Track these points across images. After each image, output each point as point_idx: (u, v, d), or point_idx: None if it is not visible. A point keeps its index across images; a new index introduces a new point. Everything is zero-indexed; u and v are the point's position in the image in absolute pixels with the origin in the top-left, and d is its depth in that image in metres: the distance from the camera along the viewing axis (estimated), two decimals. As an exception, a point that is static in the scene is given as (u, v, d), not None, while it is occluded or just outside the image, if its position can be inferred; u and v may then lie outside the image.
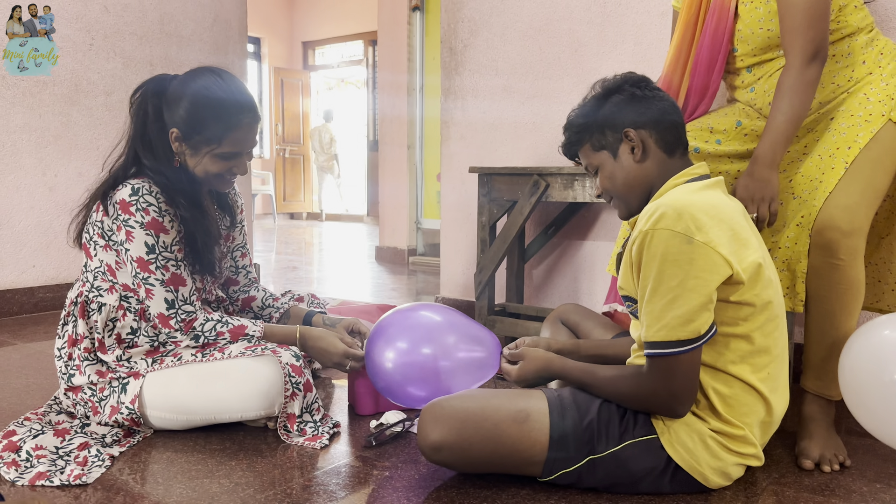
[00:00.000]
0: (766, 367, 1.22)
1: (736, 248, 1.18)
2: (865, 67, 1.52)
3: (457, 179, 2.80)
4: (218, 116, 1.50)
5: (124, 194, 1.49)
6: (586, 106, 1.36)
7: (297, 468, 1.39)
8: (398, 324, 1.54)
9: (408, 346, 1.50)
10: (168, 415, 1.51)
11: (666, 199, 1.20)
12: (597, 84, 1.37)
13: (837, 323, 1.45)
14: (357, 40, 9.15)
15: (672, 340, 1.15)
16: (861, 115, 1.48)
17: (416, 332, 1.52)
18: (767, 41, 1.54)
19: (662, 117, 1.30)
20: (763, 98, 1.58)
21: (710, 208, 1.19)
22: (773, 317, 1.22)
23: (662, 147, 1.30)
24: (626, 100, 1.31)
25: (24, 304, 2.91)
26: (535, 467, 1.25)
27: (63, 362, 1.55)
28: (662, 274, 1.15)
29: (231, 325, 1.56)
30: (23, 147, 2.88)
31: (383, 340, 1.51)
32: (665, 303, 1.15)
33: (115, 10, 3.12)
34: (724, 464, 1.22)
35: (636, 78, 1.35)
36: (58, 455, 1.37)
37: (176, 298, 1.52)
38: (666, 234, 1.15)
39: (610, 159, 1.33)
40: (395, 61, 4.94)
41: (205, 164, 1.55)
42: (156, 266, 1.49)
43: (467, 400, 1.28)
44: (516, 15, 2.57)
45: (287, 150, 9.53)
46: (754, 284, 1.19)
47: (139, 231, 1.48)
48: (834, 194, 1.44)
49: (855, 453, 1.48)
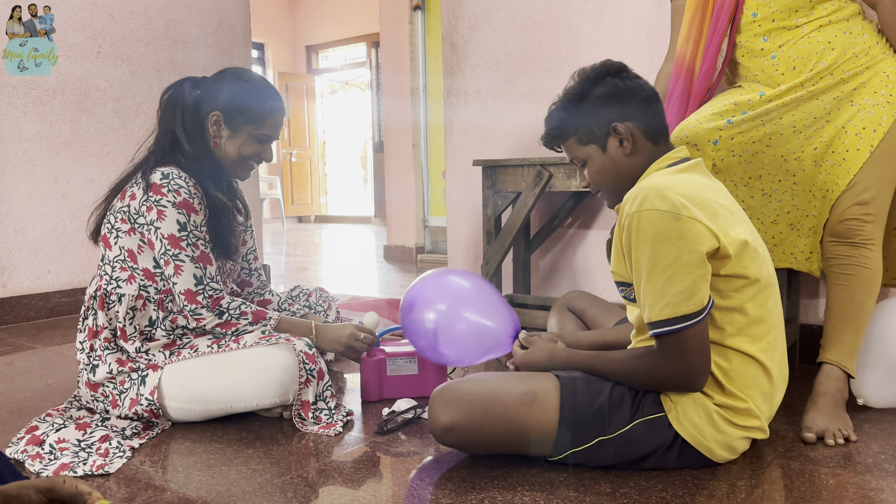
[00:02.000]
0: (764, 336, 1.25)
1: (720, 224, 1.20)
2: (880, 47, 1.58)
3: (461, 174, 2.83)
4: (261, 100, 1.65)
5: (155, 178, 1.56)
6: (569, 98, 1.34)
7: (313, 455, 1.42)
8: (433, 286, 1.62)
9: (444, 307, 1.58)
10: (186, 405, 1.55)
11: (647, 183, 1.23)
12: (576, 74, 1.36)
13: (858, 300, 1.54)
14: (360, 42, 9.20)
15: (678, 316, 1.17)
16: (884, 95, 1.54)
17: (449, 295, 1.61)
18: (792, 2, 1.58)
19: (646, 107, 1.30)
20: (787, 63, 1.60)
21: (690, 188, 1.21)
22: (764, 286, 1.25)
23: (649, 137, 1.31)
24: (611, 92, 1.30)
25: (40, 310, 2.97)
26: (545, 447, 1.27)
27: (85, 354, 1.60)
28: (656, 253, 1.17)
29: (253, 307, 1.64)
30: (35, 155, 2.94)
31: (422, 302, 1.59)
32: (664, 280, 1.17)
33: (121, 17, 3.17)
34: (729, 438, 1.24)
35: (616, 67, 1.34)
36: (80, 447, 1.41)
37: (204, 275, 1.57)
38: (653, 214, 1.17)
39: (599, 153, 1.32)
40: (397, 62, 4.97)
41: (243, 145, 1.65)
42: (187, 243, 1.55)
43: (477, 383, 1.31)
44: (516, 9, 2.60)
45: (294, 154, 9.59)
46: (741, 258, 1.21)
47: (171, 210, 1.54)
48: (856, 183, 1.54)
49: (860, 428, 1.50)
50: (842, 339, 1.54)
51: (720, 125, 1.59)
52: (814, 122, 1.58)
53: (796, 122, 1.58)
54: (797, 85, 1.57)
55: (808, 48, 1.58)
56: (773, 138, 1.59)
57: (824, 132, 1.58)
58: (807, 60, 1.58)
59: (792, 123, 1.58)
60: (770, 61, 1.63)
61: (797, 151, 1.60)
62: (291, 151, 9.63)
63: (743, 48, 1.68)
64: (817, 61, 1.57)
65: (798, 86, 1.57)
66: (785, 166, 1.61)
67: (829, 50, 1.56)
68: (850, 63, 1.56)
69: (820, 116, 1.58)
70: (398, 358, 1.74)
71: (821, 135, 1.59)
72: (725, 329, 1.23)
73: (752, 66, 1.67)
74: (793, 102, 1.58)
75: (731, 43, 1.69)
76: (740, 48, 1.68)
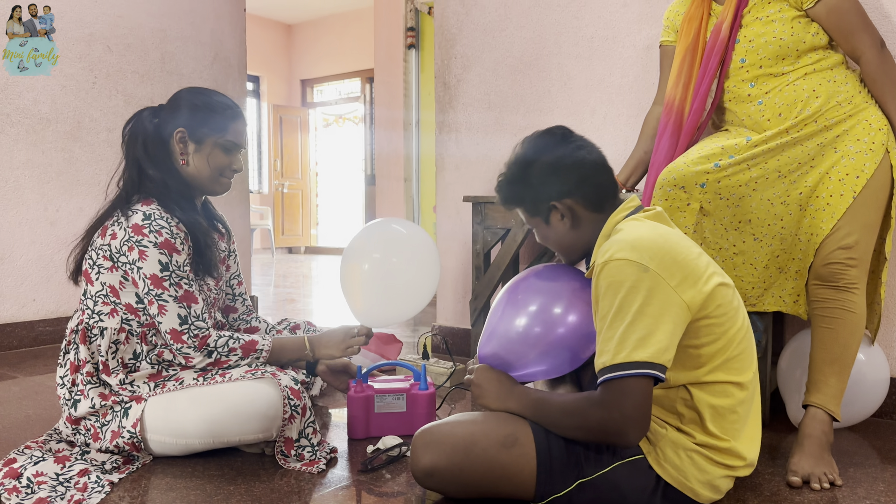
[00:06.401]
0: (748, 366, 1.25)
1: (690, 284, 1.19)
2: (862, 96, 1.63)
3: (451, 209, 2.85)
4: (221, 108, 1.68)
5: (137, 219, 1.55)
6: (511, 173, 1.36)
7: (295, 493, 1.40)
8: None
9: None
10: (168, 439, 1.52)
11: (619, 236, 1.23)
12: (519, 145, 1.37)
13: (843, 343, 1.56)
14: (354, 78, 9.31)
15: (629, 362, 1.14)
16: (866, 142, 1.58)
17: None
18: (779, 51, 1.62)
19: (585, 182, 1.31)
20: (773, 110, 1.64)
21: (661, 241, 1.20)
22: (735, 320, 1.25)
23: (591, 208, 1.32)
24: (548, 170, 1.31)
25: (23, 338, 2.93)
26: (527, 491, 1.26)
27: (66, 389, 1.57)
28: (624, 300, 1.16)
29: (242, 341, 1.62)
30: (25, 183, 2.94)
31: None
32: (625, 326, 1.16)
33: (118, 49, 3.20)
34: (711, 477, 1.24)
35: (557, 136, 1.34)
36: (58, 481, 1.39)
37: (189, 314, 1.56)
38: (622, 263, 1.18)
39: (543, 224, 1.36)
40: (391, 97, 5.04)
41: (210, 155, 1.66)
42: (169, 283, 1.54)
43: (457, 425, 1.30)
44: (507, 50, 2.66)
45: (286, 186, 9.62)
46: (715, 304, 1.21)
47: (153, 250, 1.53)
48: (840, 227, 1.58)
49: (845, 472, 1.50)
50: (827, 382, 1.55)
51: (707, 168, 1.61)
52: (798, 168, 1.62)
53: (781, 166, 1.62)
54: (782, 131, 1.61)
55: (793, 95, 1.62)
56: (759, 182, 1.62)
57: (808, 177, 1.62)
58: (792, 107, 1.62)
59: (777, 168, 1.62)
60: (757, 107, 1.67)
61: (783, 196, 1.63)
62: (284, 183, 9.67)
63: (730, 93, 1.72)
64: (802, 108, 1.61)
65: (783, 132, 1.61)
66: (773, 210, 1.64)
67: (813, 98, 1.61)
68: (834, 111, 1.60)
69: (804, 162, 1.61)
70: (386, 395, 1.73)
71: (805, 180, 1.62)
72: (704, 366, 1.23)
73: (738, 111, 1.71)
74: (778, 148, 1.61)
75: (720, 88, 1.73)
76: (728, 93, 1.72)
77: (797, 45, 1.62)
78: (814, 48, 1.63)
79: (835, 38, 1.64)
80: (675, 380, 1.24)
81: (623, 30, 2.38)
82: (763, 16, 1.64)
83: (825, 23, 1.61)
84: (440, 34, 2.85)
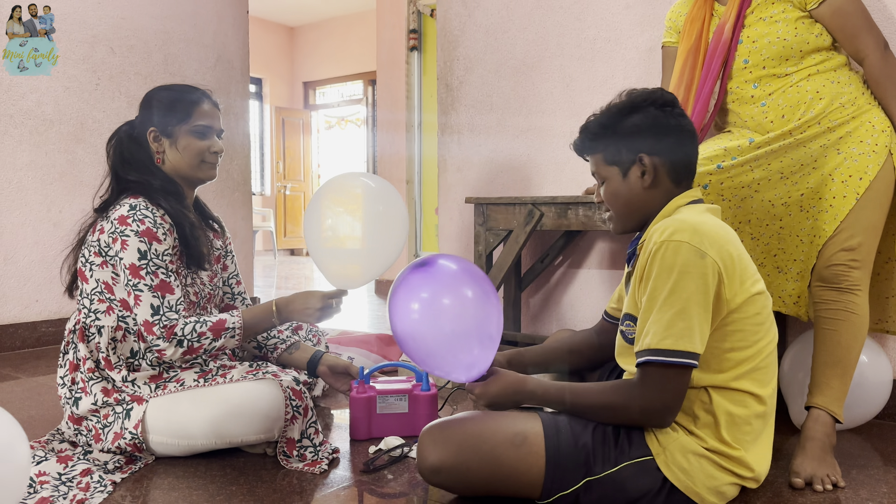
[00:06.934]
0: (770, 381, 1.27)
1: (739, 282, 1.22)
2: (865, 98, 1.62)
3: (454, 210, 2.85)
4: (181, 97, 1.67)
5: (122, 211, 1.56)
6: (608, 115, 1.33)
7: (297, 493, 1.40)
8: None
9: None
10: (170, 440, 1.53)
11: (679, 216, 1.25)
12: (623, 93, 1.34)
13: (845, 345, 1.56)
14: (357, 80, 9.32)
15: (676, 350, 1.17)
16: (869, 144, 1.58)
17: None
18: (783, 51, 1.62)
19: (679, 148, 1.31)
20: (776, 111, 1.64)
21: (722, 232, 1.23)
22: (769, 330, 1.27)
23: (672, 177, 1.32)
24: (649, 122, 1.29)
25: (26, 339, 2.94)
26: (534, 489, 1.26)
27: (67, 388, 1.58)
28: (676, 284, 1.18)
29: (209, 323, 1.56)
30: (28, 184, 2.94)
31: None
32: (675, 312, 1.18)
33: (121, 51, 3.21)
34: (719, 483, 1.24)
35: (664, 99, 1.32)
36: (60, 481, 1.39)
37: (162, 305, 1.54)
38: (682, 245, 1.18)
39: (618, 176, 1.33)
40: (393, 100, 5.04)
41: (184, 146, 1.65)
42: (146, 272, 1.53)
43: (466, 423, 1.29)
44: (509, 52, 2.66)
45: (288, 188, 9.63)
46: (754, 311, 1.23)
47: (133, 238, 1.53)
48: (843, 229, 1.57)
49: (848, 473, 1.50)
50: (829, 384, 1.55)
51: (710, 170, 1.61)
52: (801, 169, 1.61)
53: (784, 168, 1.61)
54: (786, 132, 1.61)
55: (797, 97, 1.62)
56: (761, 184, 1.62)
57: (811, 178, 1.61)
58: (795, 109, 1.62)
59: (780, 170, 1.61)
60: (760, 108, 1.67)
61: (784, 197, 1.63)
62: (286, 185, 9.68)
63: (733, 94, 1.71)
64: (805, 110, 1.61)
65: (786, 133, 1.61)
66: (772, 211, 1.63)
67: (817, 99, 1.60)
68: (838, 112, 1.60)
69: (807, 163, 1.61)
70: (388, 396, 1.73)
71: (807, 181, 1.62)
72: (730, 370, 1.24)
73: (741, 113, 1.71)
74: (781, 149, 1.61)
75: (723, 89, 1.73)
76: (731, 94, 1.72)
77: (801, 45, 1.62)
78: (817, 49, 1.63)
79: (838, 40, 1.64)
80: (698, 380, 1.24)
81: (625, 32, 2.38)
82: (766, 16, 1.64)
83: (829, 24, 1.61)
84: (443, 36, 2.85)
